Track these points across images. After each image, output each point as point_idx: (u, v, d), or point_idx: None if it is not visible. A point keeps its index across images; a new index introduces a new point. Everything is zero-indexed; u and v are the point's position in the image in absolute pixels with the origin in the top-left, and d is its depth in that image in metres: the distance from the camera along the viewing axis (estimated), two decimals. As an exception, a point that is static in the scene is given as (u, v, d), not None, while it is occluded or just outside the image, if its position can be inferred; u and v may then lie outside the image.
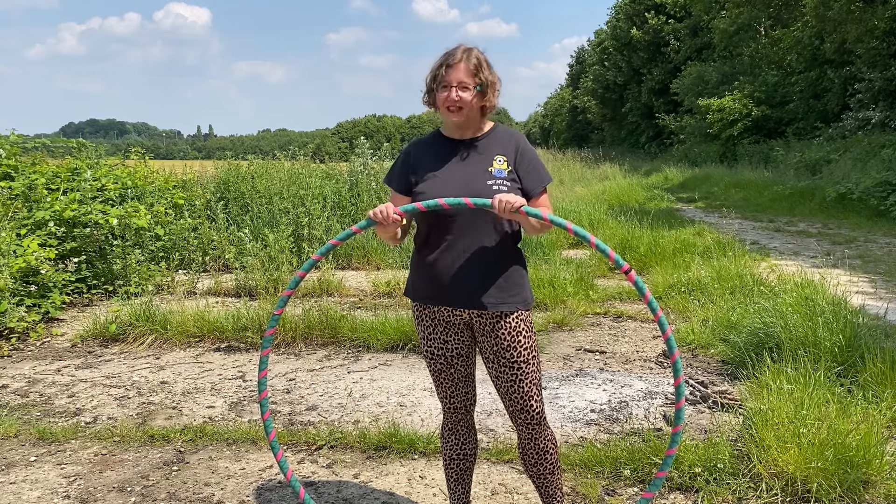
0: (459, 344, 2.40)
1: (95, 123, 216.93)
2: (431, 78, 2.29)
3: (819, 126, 21.01)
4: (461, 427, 2.55)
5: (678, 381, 2.16)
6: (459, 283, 2.29)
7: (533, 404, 2.37)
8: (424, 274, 2.36)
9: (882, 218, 11.14)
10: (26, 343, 5.50)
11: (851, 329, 4.06)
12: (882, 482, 2.84)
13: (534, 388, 2.36)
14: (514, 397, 2.36)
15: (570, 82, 60.78)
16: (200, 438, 3.60)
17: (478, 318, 2.33)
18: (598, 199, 13.27)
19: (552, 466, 2.48)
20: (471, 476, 2.64)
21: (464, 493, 2.62)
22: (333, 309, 5.45)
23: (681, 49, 34.32)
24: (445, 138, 2.39)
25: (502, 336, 2.32)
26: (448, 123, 2.36)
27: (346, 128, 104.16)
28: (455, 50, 2.29)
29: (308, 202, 8.70)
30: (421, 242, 2.39)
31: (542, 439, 2.43)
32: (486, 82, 2.28)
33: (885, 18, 16.48)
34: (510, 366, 2.33)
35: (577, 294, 6.30)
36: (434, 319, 2.39)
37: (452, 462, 2.58)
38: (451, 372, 2.42)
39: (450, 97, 2.24)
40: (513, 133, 2.42)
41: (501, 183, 2.27)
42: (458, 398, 2.48)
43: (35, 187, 6.89)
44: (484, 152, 2.34)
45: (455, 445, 2.56)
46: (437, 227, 2.30)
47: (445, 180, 2.29)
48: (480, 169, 2.30)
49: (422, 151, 2.40)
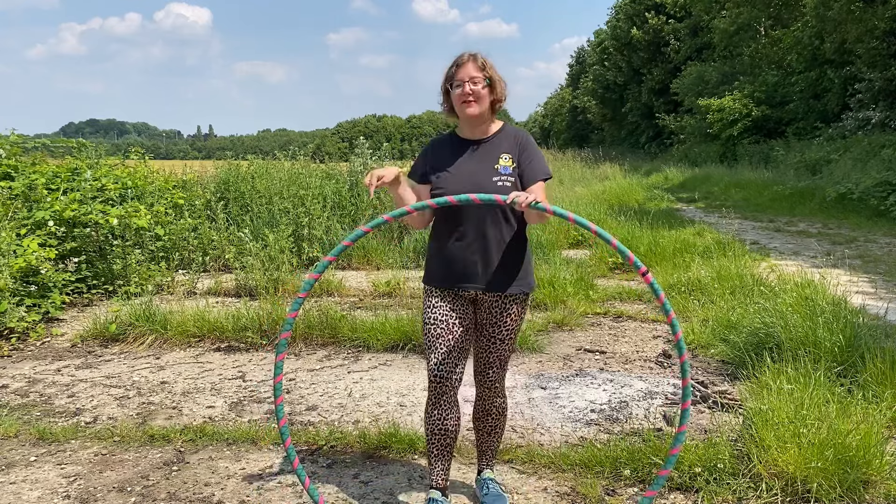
0: (463, 315, 2.64)
1: (95, 123, 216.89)
2: (445, 80, 2.60)
3: (819, 126, 21.02)
4: (444, 402, 2.66)
5: (685, 382, 2.30)
6: (471, 268, 2.56)
7: (490, 373, 2.70)
8: (440, 262, 2.62)
9: (882, 218, 11.15)
10: (26, 343, 5.50)
11: (851, 329, 4.06)
12: (882, 482, 2.84)
13: (498, 360, 2.69)
14: (481, 361, 2.70)
15: (570, 82, 60.82)
16: (200, 438, 3.60)
17: (484, 297, 2.61)
18: (598, 199, 13.26)
19: (491, 428, 2.83)
20: (452, 453, 2.76)
21: (443, 470, 2.76)
22: (333, 309, 5.45)
23: (681, 49, 34.34)
24: (459, 138, 2.67)
25: (496, 313, 2.62)
26: (463, 122, 2.64)
27: (346, 128, 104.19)
28: (462, 54, 2.60)
29: (308, 202, 8.70)
30: (436, 232, 2.66)
31: (490, 402, 2.77)
32: (493, 76, 2.56)
33: (885, 18, 16.48)
34: (490, 338, 2.65)
35: (577, 294, 6.30)
36: (442, 294, 2.64)
37: (434, 437, 2.70)
38: (449, 337, 2.60)
39: (464, 91, 2.52)
40: (519, 132, 2.71)
41: (507, 178, 2.54)
42: (448, 367, 2.60)
43: (35, 187, 6.88)
44: (492, 151, 2.61)
45: (437, 420, 2.67)
46: (450, 218, 2.56)
47: (457, 176, 2.56)
48: (488, 166, 2.57)
49: (439, 149, 2.69)
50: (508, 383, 4.32)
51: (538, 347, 5.02)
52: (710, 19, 28.24)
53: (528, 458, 3.26)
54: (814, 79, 22.14)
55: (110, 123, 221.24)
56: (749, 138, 23.45)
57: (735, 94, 24.14)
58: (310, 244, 8.25)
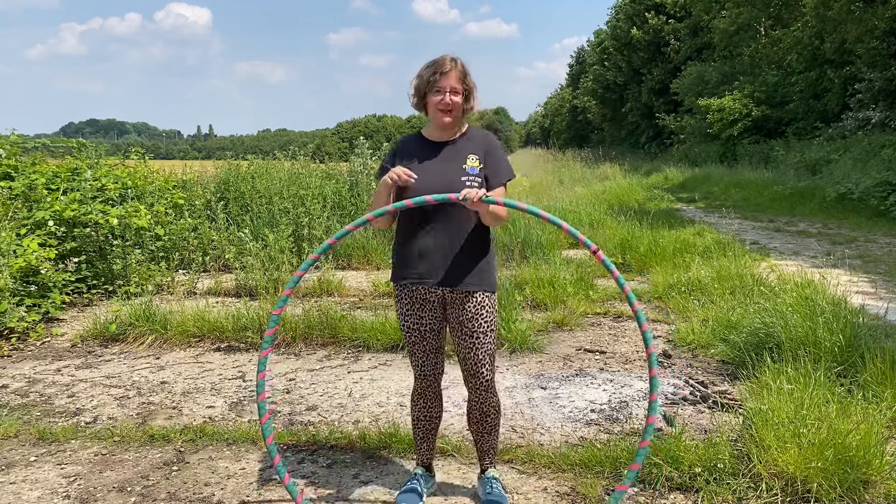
0: (432, 320, 2.76)
1: (95, 123, 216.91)
2: (423, 84, 2.65)
3: (819, 126, 20.99)
4: (429, 392, 2.89)
5: (653, 396, 2.53)
6: (435, 265, 2.66)
7: (483, 371, 2.76)
8: (405, 258, 2.72)
9: (882, 218, 11.14)
10: (26, 343, 5.50)
11: (851, 329, 4.05)
12: (882, 482, 2.84)
13: (487, 357, 2.75)
14: (469, 363, 2.76)
15: (570, 82, 60.82)
16: (200, 438, 3.60)
17: (450, 294, 2.71)
18: (598, 200, 13.26)
19: (490, 427, 2.89)
20: (434, 435, 3.01)
21: (428, 450, 3.00)
22: (333, 309, 5.45)
23: (681, 49, 34.30)
24: (427, 140, 2.77)
25: (468, 309, 2.70)
26: (434, 125, 2.73)
27: (346, 128, 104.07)
28: (443, 59, 2.64)
29: (308, 202, 8.70)
30: (402, 231, 2.75)
31: (486, 403, 2.83)
32: (470, 88, 2.68)
33: (885, 18, 16.47)
34: (470, 335, 2.71)
35: (577, 294, 6.30)
36: (412, 298, 2.75)
37: (419, 422, 2.95)
38: (424, 344, 2.78)
39: (444, 101, 2.62)
40: (485, 135, 2.83)
41: (474, 179, 2.65)
42: (429, 367, 2.83)
43: (35, 187, 6.88)
44: (460, 152, 2.72)
45: (423, 408, 2.92)
46: (416, 217, 2.66)
47: (427, 175, 2.64)
48: (456, 166, 2.68)
49: (408, 149, 2.77)
50: (508, 383, 4.32)
51: (538, 347, 5.02)
52: (710, 19, 28.21)
53: (528, 458, 3.26)
54: (814, 79, 22.11)
55: (110, 123, 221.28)
56: (749, 138, 23.42)
57: (735, 94, 24.11)
58: (310, 244, 8.25)
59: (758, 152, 21.52)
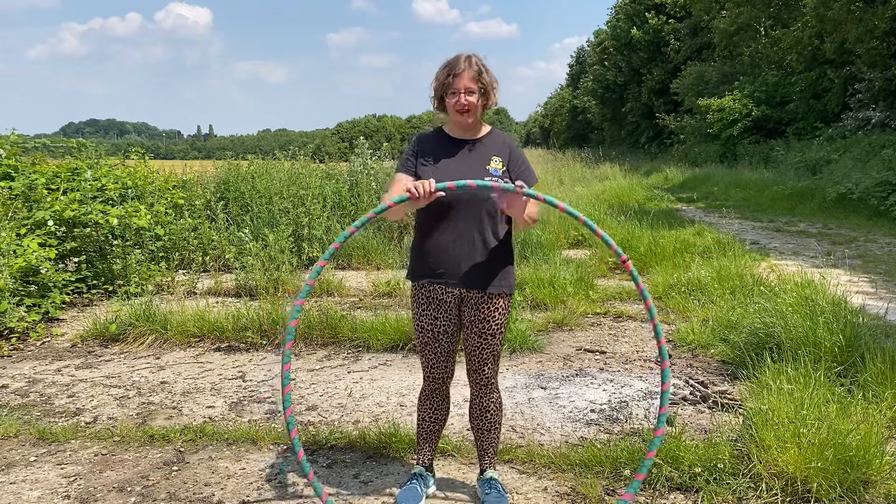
0: (447, 322, 2.74)
1: (95, 123, 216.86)
2: (440, 86, 2.64)
3: (819, 126, 20.98)
4: (437, 395, 2.89)
5: (665, 364, 2.61)
6: (454, 264, 2.65)
7: (486, 369, 2.78)
8: (424, 256, 2.71)
9: (882, 218, 11.15)
10: (26, 343, 5.50)
11: (851, 329, 4.05)
12: (882, 482, 2.84)
13: (491, 356, 2.76)
14: (474, 360, 2.77)
15: (570, 82, 60.75)
16: (200, 438, 3.60)
17: (467, 294, 2.70)
18: (598, 199, 13.25)
19: (490, 424, 2.88)
20: (438, 437, 3.00)
21: (430, 451, 2.98)
22: (333, 309, 5.45)
23: (681, 49, 34.28)
24: (449, 136, 2.75)
25: (484, 310, 2.70)
26: (454, 124, 2.72)
27: (346, 128, 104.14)
28: (457, 60, 2.63)
29: (308, 202, 8.70)
30: (421, 228, 2.73)
31: (486, 399, 2.85)
32: (487, 85, 2.64)
33: (885, 18, 16.48)
34: (480, 334, 2.72)
35: (577, 294, 6.30)
36: (428, 298, 2.73)
37: (424, 423, 2.94)
38: (436, 346, 2.76)
39: (459, 101, 2.61)
40: (506, 138, 2.83)
41: (497, 181, 2.59)
42: (439, 369, 2.82)
43: (35, 187, 6.88)
44: (483, 152, 2.71)
45: (430, 409, 2.92)
46: (437, 214, 2.63)
47: (449, 173, 2.60)
48: (479, 166, 2.67)
49: (429, 145, 2.76)
50: (508, 383, 4.32)
51: (538, 347, 5.02)
52: (710, 19, 28.20)
53: (528, 458, 3.26)
54: (814, 79, 22.11)
55: (110, 123, 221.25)
56: (749, 138, 23.41)
57: (735, 94, 24.10)
58: (310, 244, 8.25)
59: (758, 152, 21.52)
